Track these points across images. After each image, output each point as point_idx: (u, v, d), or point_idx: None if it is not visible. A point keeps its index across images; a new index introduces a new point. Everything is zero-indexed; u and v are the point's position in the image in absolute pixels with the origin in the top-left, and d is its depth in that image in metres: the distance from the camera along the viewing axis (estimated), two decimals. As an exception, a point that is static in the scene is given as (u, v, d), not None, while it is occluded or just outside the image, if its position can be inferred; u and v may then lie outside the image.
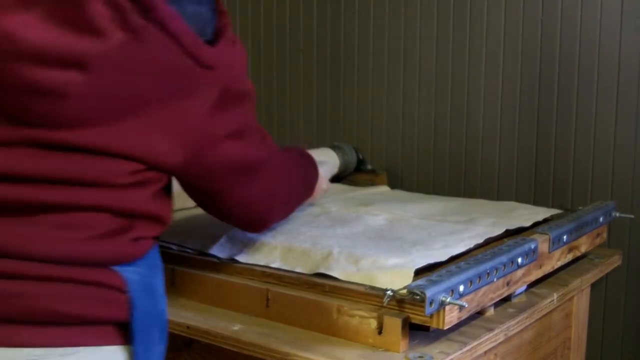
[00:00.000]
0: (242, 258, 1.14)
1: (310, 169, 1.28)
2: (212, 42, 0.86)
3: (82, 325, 0.82)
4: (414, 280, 0.98)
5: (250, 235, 1.20)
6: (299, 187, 1.21)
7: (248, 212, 1.05)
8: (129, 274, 0.85)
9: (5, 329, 0.80)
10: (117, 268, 0.84)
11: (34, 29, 0.75)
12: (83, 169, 0.81)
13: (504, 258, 1.04)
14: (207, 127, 0.87)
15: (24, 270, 0.80)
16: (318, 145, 1.87)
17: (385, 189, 1.67)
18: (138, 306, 0.85)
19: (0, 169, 0.79)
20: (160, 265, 0.91)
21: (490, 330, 1.01)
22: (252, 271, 1.11)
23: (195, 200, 1.03)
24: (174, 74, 0.82)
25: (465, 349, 0.95)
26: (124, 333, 0.85)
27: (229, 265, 1.13)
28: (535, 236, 1.16)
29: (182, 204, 1.26)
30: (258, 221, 1.10)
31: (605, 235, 1.39)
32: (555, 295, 1.16)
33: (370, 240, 1.18)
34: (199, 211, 1.10)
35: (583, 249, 1.30)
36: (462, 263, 1.00)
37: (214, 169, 0.93)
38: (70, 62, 0.76)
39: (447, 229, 1.25)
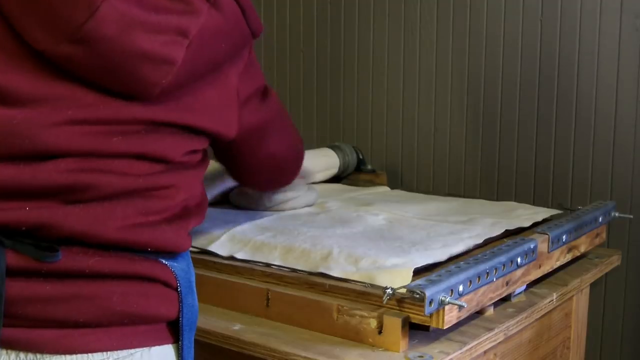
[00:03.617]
0: (242, 256, 1.15)
1: None
2: None
3: (140, 325, 0.83)
4: (413, 280, 0.98)
5: (250, 234, 1.21)
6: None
7: (281, 163, 1.13)
8: (177, 270, 0.86)
9: (64, 334, 0.79)
10: (168, 263, 0.85)
11: (145, 4, 0.81)
12: (167, 145, 0.85)
13: (503, 258, 1.04)
14: (239, 87, 0.94)
15: (96, 266, 0.80)
16: (318, 145, 1.87)
17: (385, 189, 1.67)
18: (185, 303, 0.87)
19: (101, 148, 0.81)
20: (192, 263, 0.93)
21: (490, 329, 1.01)
22: (252, 271, 1.11)
23: (229, 165, 1.12)
24: (238, 39, 0.91)
25: (465, 349, 0.95)
26: (172, 330, 0.86)
27: (229, 265, 1.13)
28: (534, 236, 1.16)
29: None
30: (288, 170, 1.19)
31: (604, 235, 1.39)
32: (554, 295, 1.16)
33: (369, 240, 1.18)
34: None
35: (582, 249, 1.30)
36: (462, 263, 1.00)
37: (251, 131, 1.00)
38: (176, 30, 0.82)
39: (446, 229, 1.25)
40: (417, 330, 0.96)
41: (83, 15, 0.78)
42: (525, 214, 1.36)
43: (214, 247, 1.18)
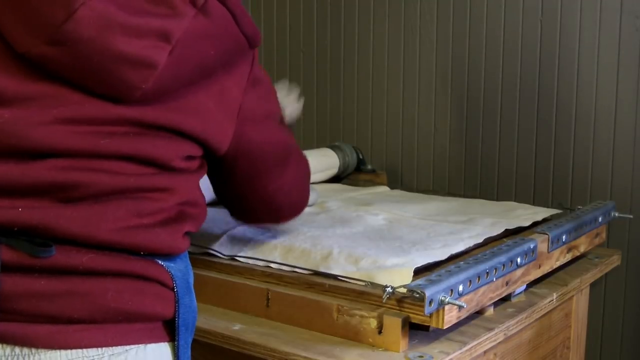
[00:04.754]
0: (242, 256, 1.15)
1: None
2: None
3: (135, 323, 0.83)
4: (413, 280, 0.98)
5: (250, 234, 1.21)
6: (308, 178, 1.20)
7: (279, 203, 1.08)
8: (173, 270, 0.86)
9: (58, 330, 0.79)
10: (164, 264, 0.85)
11: (126, 7, 0.81)
12: (159, 149, 0.84)
13: (503, 258, 1.04)
14: (244, 102, 0.93)
15: (90, 263, 0.80)
16: (318, 145, 1.87)
17: (385, 189, 1.67)
18: (182, 303, 0.86)
19: (90, 148, 0.80)
20: (190, 264, 0.93)
21: (490, 329, 1.01)
22: (252, 271, 1.11)
23: (223, 195, 1.07)
24: (230, 45, 0.90)
25: (464, 349, 0.95)
26: (168, 329, 0.86)
27: (229, 265, 1.14)
28: (534, 236, 1.16)
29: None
30: (285, 212, 1.12)
31: (604, 235, 1.39)
32: (554, 295, 1.16)
33: (370, 240, 1.18)
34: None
35: (582, 249, 1.31)
36: (462, 263, 1.00)
37: (253, 150, 0.97)
38: (157, 34, 0.82)
39: (446, 229, 1.25)
40: (417, 330, 0.96)
41: (62, 16, 0.78)
42: (525, 214, 1.36)
43: (214, 247, 1.18)
